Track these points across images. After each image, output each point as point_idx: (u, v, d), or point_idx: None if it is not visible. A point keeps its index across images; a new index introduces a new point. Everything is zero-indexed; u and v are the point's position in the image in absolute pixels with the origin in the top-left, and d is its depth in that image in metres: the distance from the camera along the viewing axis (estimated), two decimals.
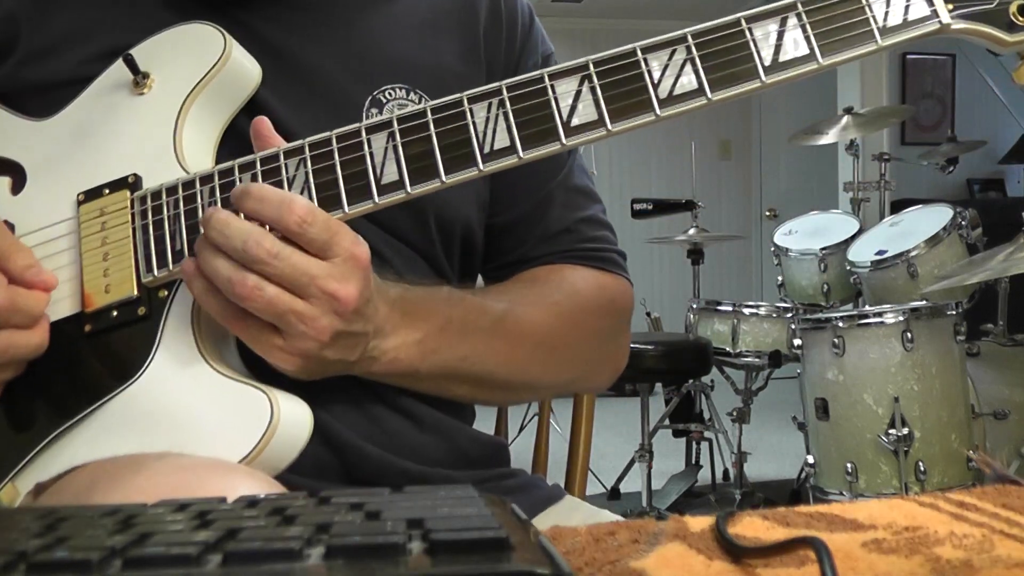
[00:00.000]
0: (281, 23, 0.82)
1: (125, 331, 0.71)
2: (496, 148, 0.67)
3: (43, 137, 0.78)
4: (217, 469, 0.60)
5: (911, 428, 2.34)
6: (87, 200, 0.74)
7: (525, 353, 0.82)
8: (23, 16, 0.81)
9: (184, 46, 0.77)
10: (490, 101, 0.68)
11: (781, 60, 0.66)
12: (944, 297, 2.58)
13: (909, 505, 0.51)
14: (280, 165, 0.69)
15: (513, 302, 0.83)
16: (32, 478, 0.68)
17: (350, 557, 0.30)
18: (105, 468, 0.63)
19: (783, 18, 0.67)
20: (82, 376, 0.71)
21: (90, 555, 0.29)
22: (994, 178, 6.46)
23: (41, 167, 0.78)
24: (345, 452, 0.78)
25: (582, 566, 0.42)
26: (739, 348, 3.12)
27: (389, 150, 0.68)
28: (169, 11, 0.80)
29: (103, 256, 0.73)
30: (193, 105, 0.76)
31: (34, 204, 0.76)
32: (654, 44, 0.68)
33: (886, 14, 0.67)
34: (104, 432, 0.68)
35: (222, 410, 0.67)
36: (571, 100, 0.67)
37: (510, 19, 0.91)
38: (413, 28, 0.87)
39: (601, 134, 0.67)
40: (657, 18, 6.48)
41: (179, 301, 0.71)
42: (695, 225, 3.67)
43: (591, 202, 0.95)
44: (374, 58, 0.84)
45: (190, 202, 0.71)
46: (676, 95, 0.66)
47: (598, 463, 3.29)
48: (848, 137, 3.56)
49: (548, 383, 0.90)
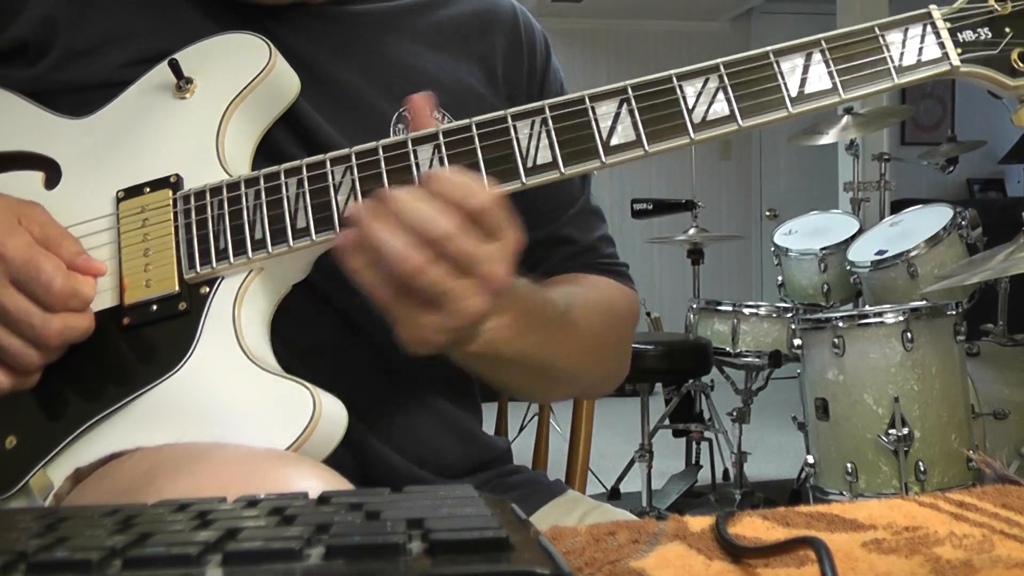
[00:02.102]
0: (311, 37, 0.84)
1: (164, 325, 0.73)
2: (539, 163, 0.71)
3: (80, 135, 0.80)
4: (284, 458, 0.60)
5: (911, 428, 2.34)
6: (127, 197, 0.76)
7: (577, 348, 0.85)
8: (61, 18, 0.82)
9: (230, 54, 0.80)
10: (533, 119, 0.71)
11: (807, 92, 0.72)
12: (944, 297, 2.58)
13: (909, 505, 0.51)
14: (327, 171, 0.71)
15: (570, 299, 0.85)
16: (65, 467, 0.69)
17: (350, 557, 0.30)
18: (164, 455, 0.63)
19: (808, 53, 0.73)
20: (118, 367, 0.72)
21: (90, 555, 0.29)
22: (994, 178, 6.47)
23: (78, 164, 0.79)
24: (364, 453, 0.79)
25: (582, 566, 0.42)
26: (739, 348, 3.12)
27: (435, 161, 0.70)
28: (206, 19, 0.82)
29: (143, 252, 0.74)
30: (236, 111, 0.78)
31: (70, 199, 0.77)
32: (689, 72, 0.72)
33: (902, 54, 0.73)
34: (142, 421, 0.69)
35: (263, 404, 0.68)
36: (611, 121, 0.71)
37: (529, 47, 0.95)
38: (436, 49, 0.90)
39: (639, 154, 0.71)
40: (657, 18, 6.49)
41: (220, 298, 0.72)
42: (695, 225, 3.66)
43: (602, 222, 1.01)
44: (399, 76, 0.86)
45: (235, 203, 0.73)
46: (710, 120, 0.71)
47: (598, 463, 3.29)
48: (848, 137, 3.56)
49: (585, 381, 0.93)
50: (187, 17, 0.83)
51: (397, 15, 0.89)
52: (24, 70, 0.82)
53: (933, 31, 0.73)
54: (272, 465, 0.57)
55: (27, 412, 0.72)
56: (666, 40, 6.60)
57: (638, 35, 6.54)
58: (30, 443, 0.71)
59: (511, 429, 1.49)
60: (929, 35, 0.73)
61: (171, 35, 0.81)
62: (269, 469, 0.56)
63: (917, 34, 0.73)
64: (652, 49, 6.57)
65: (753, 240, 6.72)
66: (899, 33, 0.73)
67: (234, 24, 0.81)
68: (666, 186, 6.26)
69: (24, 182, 0.79)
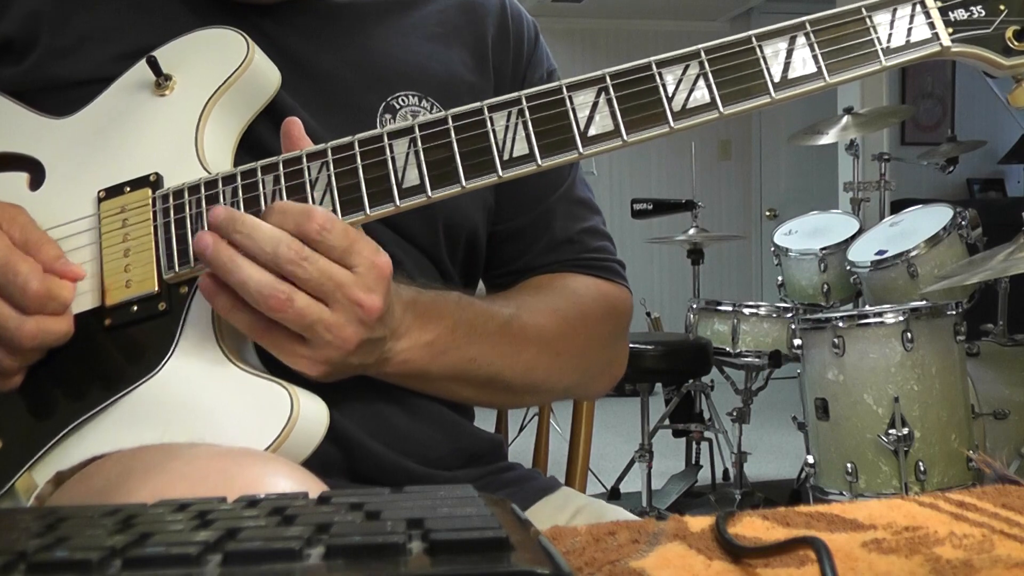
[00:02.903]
0: (298, 29, 0.84)
1: (145, 326, 0.73)
2: (515, 155, 0.69)
3: (63, 135, 0.80)
4: (256, 457, 0.60)
5: (911, 428, 2.34)
6: (108, 197, 0.76)
7: (530, 357, 0.84)
8: (46, 14, 0.82)
9: (207, 50, 0.79)
10: (509, 110, 0.70)
11: (790, 77, 0.69)
12: (944, 297, 2.58)
13: (909, 505, 0.51)
14: (303, 167, 0.71)
15: (519, 307, 0.84)
16: (49, 468, 0.69)
17: (350, 557, 0.30)
18: (138, 456, 0.63)
19: (792, 37, 0.70)
20: (101, 368, 0.72)
21: (90, 555, 0.29)
22: (994, 178, 6.46)
23: (60, 164, 0.79)
24: (351, 449, 0.79)
25: (582, 566, 0.42)
26: (739, 348, 3.11)
27: (411, 155, 0.70)
28: (191, 15, 0.82)
29: (124, 252, 0.74)
30: (215, 107, 0.78)
31: (53, 200, 0.78)
32: (669, 59, 0.70)
33: (890, 35, 0.70)
34: (124, 423, 0.69)
35: (242, 404, 0.68)
36: (588, 111, 0.69)
37: (517, 35, 0.95)
38: (425, 39, 0.89)
39: (617, 144, 0.69)
40: (657, 18, 6.48)
41: (199, 298, 0.72)
42: (695, 225, 3.66)
43: (592, 213, 0.98)
44: (388, 66, 0.86)
45: (212, 202, 0.72)
46: (690, 108, 0.69)
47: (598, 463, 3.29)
48: (848, 137, 3.56)
49: (550, 387, 0.91)
50: (172, 13, 0.83)
51: (386, 9, 0.89)
52: (10, 67, 0.82)
53: (923, 10, 0.70)
54: (244, 464, 0.57)
55: (11, 414, 0.72)
56: (666, 40, 6.59)
57: (638, 35, 6.53)
58: (15, 445, 0.71)
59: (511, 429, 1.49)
60: (919, 15, 0.70)
61: (156, 31, 0.80)
62: (240, 468, 0.56)
63: (906, 14, 0.70)
64: (652, 49, 6.45)
65: (753, 240, 6.72)
66: (887, 14, 0.70)
67: (219, 19, 0.81)
68: (666, 186, 6.26)
69: (9, 183, 0.79)
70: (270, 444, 0.66)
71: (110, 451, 0.67)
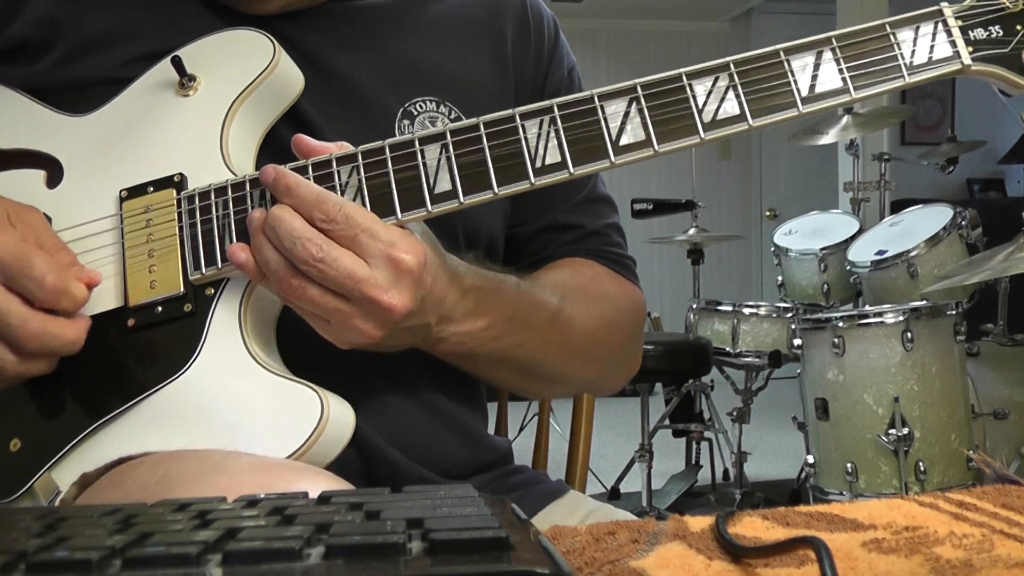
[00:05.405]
0: (316, 32, 0.84)
1: (170, 327, 0.72)
2: (548, 163, 0.70)
3: (81, 133, 0.79)
4: (302, 472, 0.60)
5: (911, 428, 2.34)
6: (130, 197, 0.75)
7: (570, 349, 0.86)
8: (63, 16, 0.82)
9: (233, 51, 0.79)
10: (541, 118, 0.70)
11: (817, 91, 0.71)
12: (944, 297, 2.58)
13: (909, 505, 0.51)
14: (333, 172, 0.71)
15: (563, 299, 0.85)
16: (71, 469, 0.69)
17: (350, 557, 0.30)
18: (175, 464, 0.63)
19: (819, 52, 0.71)
20: (124, 370, 0.72)
21: (90, 555, 0.29)
22: (994, 178, 6.46)
23: (80, 162, 0.78)
24: (369, 454, 0.79)
25: (582, 566, 0.42)
26: (739, 348, 3.11)
27: (442, 160, 0.70)
28: (212, 16, 0.82)
29: (148, 253, 0.74)
30: (240, 109, 0.77)
31: (73, 199, 0.77)
32: (698, 71, 0.71)
33: (913, 52, 0.72)
34: (149, 425, 0.69)
35: (271, 406, 0.68)
36: (620, 120, 0.70)
37: (537, 32, 0.95)
38: (443, 40, 0.89)
39: (648, 154, 0.70)
40: (657, 18, 6.48)
41: (226, 299, 0.72)
42: (695, 225, 3.66)
43: (612, 210, 1.00)
44: (406, 70, 0.86)
45: (240, 203, 0.72)
46: (720, 120, 0.70)
47: (598, 463, 3.30)
48: (848, 137, 3.56)
49: (580, 379, 0.94)
50: (192, 14, 0.82)
51: (404, 8, 0.89)
52: (25, 67, 0.82)
53: (944, 29, 0.72)
54: (290, 479, 0.57)
55: (32, 415, 0.71)
56: (666, 40, 6.59)
57: (638, 35, 6.53)
58: (35, 446, 0.70)
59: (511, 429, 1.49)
60: (940, 33, 0.72)
61: (175, 32, 0.80)
62: (287, 484, 0.56)
63: (928, 32, 0.72)
64: (652, 49, 6.56)
65: (753, 240, 6.72)
66: (910, 31, 0.72)
67: (239, 21, 0.80)
68: (666, 186, 6.25)
69: (26, 180, 0.78)
70: (300, 446, 0.65)
71: (137, 452, 0.67)
